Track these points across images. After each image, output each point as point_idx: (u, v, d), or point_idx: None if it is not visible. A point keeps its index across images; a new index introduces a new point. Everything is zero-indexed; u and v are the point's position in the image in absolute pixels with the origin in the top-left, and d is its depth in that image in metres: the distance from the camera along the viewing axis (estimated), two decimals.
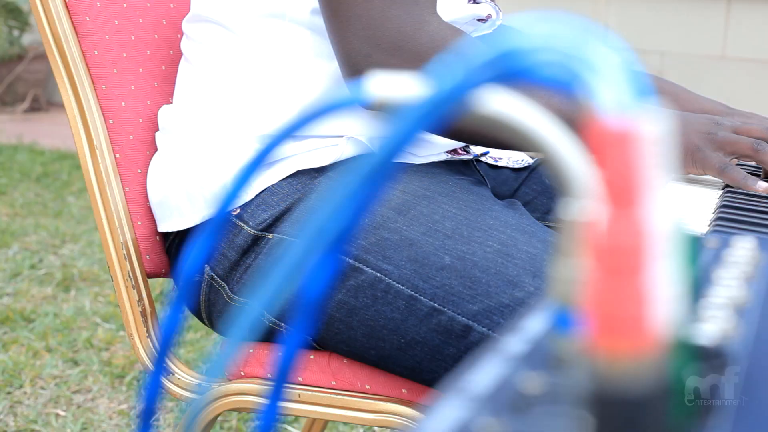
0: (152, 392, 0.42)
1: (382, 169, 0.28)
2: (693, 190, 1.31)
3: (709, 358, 0.37)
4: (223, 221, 0.39)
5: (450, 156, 1.38)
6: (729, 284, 0.47)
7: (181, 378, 1.36)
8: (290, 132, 0.34)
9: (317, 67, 1.29)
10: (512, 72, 0.26)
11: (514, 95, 0.29)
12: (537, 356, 0.38)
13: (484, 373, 0.37)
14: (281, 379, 0.37)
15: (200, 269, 1.30)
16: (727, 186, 1.29)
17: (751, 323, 0.42)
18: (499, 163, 1.49)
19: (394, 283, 1.19)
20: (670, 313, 0.25)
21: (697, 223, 1.11)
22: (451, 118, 0.28)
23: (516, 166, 1.57)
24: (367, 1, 1.18)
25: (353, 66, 1.20)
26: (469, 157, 1.42)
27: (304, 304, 0.34)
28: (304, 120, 0.33)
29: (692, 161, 1.26)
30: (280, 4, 1.29)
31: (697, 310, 0.38)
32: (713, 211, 1.18)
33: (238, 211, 1.27)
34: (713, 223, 1.09)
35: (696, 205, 1.22)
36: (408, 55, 1.18)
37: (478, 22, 1.41)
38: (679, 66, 5.12)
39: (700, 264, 0.29)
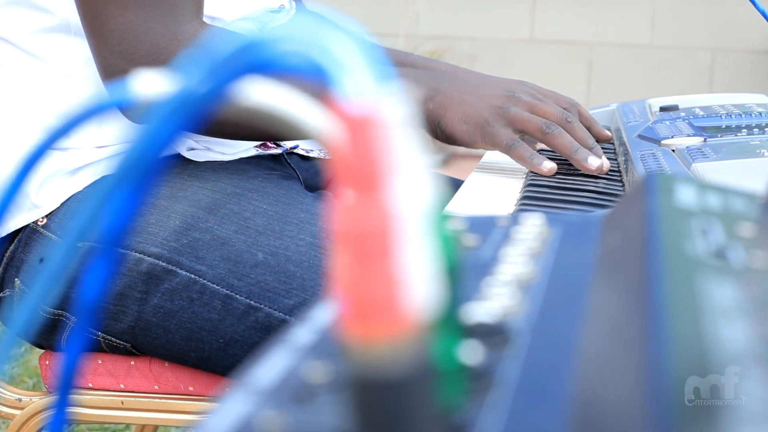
0: None
1: (140, 169, 0.28)
2: (503, 170, 1.33)
3: (490, 335, 0.38)
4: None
5: (259, 151, 1.38)
6: (515, 261, 0.48)
7: (3, 395, 1.32)
8: (52, 141, 0.34)
9: (87, 74, 1.26)
10: (256, 64, 0.25)
11: (269, 85, 0.29)
12: (323, 345, 0.38)
13: (269, 366, 0.37)
14: (66, 384, 0.36)
15: (10, 283, 1.27)
16: None
17: (536, 300, 0.43)
18: (310, 155, 1.49)
19: (209, 283, 1.18)
20: (427, 295, 0.25)
21: (506, 204, 1.13)
22: (206, 113, 0.28)
23: (328, 156, 1.57)
24: (121, 15, 1.15)
25: (111, 81, 1.18)
26: (279, 151, 1.41)
27: (81, 306, 0.33)
28: (63, 129, 0.33)
29: (482, 136, 1.24)
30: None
31: (461, 289, 0.39)
32: (520, 189, 1.20)
33: (45, 221, 1.24)
34: (519, 202, 1.11)
35: (506, 185, 1.24)
36: (163, 68, 1.16)
37: (271, 13, 1.41)
38: (490, 51, 5.22)
39: (457, 244, 0.29)
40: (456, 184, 1.52)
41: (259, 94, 0.30)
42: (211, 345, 1.20)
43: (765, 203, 0.52)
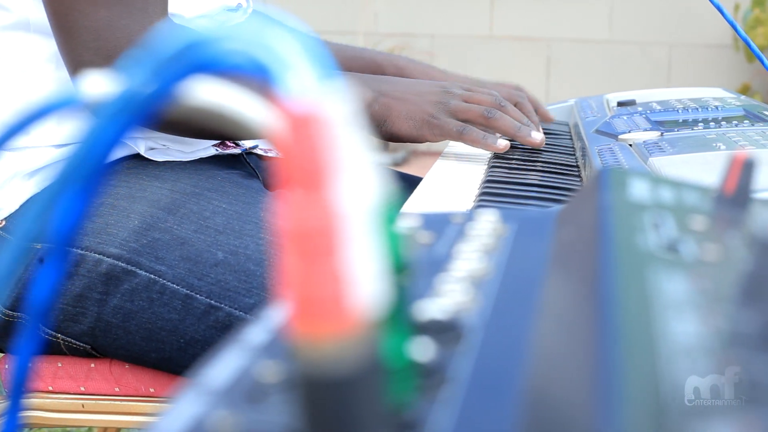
0: None
1: (86, 169, 0.28)
2: (462, 167, 1.34)
3: (442, 331, 0.38)
4: None
5: (219, 150, 1.37)
6: (469, 258, 0.48)
7: None
8: (5, 139, 0.33)
9: (47, 71, 1.26)
10: (200, 63, 0.25)
11: (214, 84, 0.29)
12: (276, 345, 0.38)
13: (222, 366, 0.37)
14: (18, 387, 0.36)
15: None
16: (493, 160, 1.32)
17: (489, 296, 0.43)
18: (269, 154, 1.49)
19: (169, 283, 1.18)
20: (373, 292, 0.25)
21: (465, 200, 1.14)
22: (152, 113, 0.28)
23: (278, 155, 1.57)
24: (94, 12, 1.15)
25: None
26: (238, 150, 1.41)
27: (32, 306, 0.33)
28: (14, 128, 0.32)
29: (429, 129, 1.31)
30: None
31: (413, 286, 0.39)
32: (479, 186, 1.20)
33: (4, 223, 1.23)
34: (477, 198, 1.11)
35: (464, 182, 1.24)
36: None
37: (229, 12, 1.41)
38: (449, 47, 5.22)
39: (405, 241, 0.29)
40: (415, 182, 1.53)
41: (205, 93, 0.29)
42: (171, 345, 1.20)
43: (718, 196, 0.53)
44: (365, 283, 0.24)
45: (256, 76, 0.25)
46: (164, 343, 1.20)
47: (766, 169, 0.97)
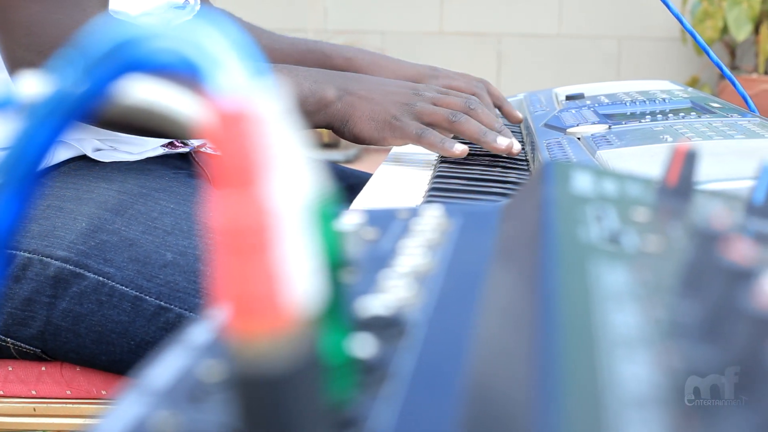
0: None
1: (18, 172, 0.28)
2: (412, 163, 1.34)
3: (385, 327, 0.38)
4: None
5: (167, 150, 1.36)
6: (413, 253, 0.48)
7: None
8: None
9: None
10: (131, 62, 0.25)
11: (146, 83, 0.29)
12: (219, 344, 0.38)
13: (165, 366, 0.37)
14: None
15: None
16: (442, 156, 1.32)
17: (433, 291, 0.43)
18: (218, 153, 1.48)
19: (118, 285, 1.17)
20: (308, 289, 0.25)
21: (415, 196, 1.14)
22: (89, 112, 0.27)
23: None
24: (25, 7, 1.13)
25: (20, 74, 1.16)
26: (187, 149, 1.40)
27: None
28: None
29: (390, 131, 1.28)
30: None
31: (353, 282, 0.39)
32: (428, 181, 1.20)
33: None
34: (427, 194, 1.11)
35: (415, 178, 1.24)
36: None
37: (176, 9, 1.40)
38: (399, 44, 5.23)
39: (343, 237, 0.29)
40: (366, 179, 1.52)
41: (139, 91, 0.29)
42: (122, 348, 1.19)
43: (660, 188, 0.53)
44: (300, 280, 0.24)
45: (187, 74, 0.25)
46: (114, 346, 1.19)
47: (709, 160, 0.98)
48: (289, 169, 0.24)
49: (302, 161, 0.25)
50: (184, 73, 0.25)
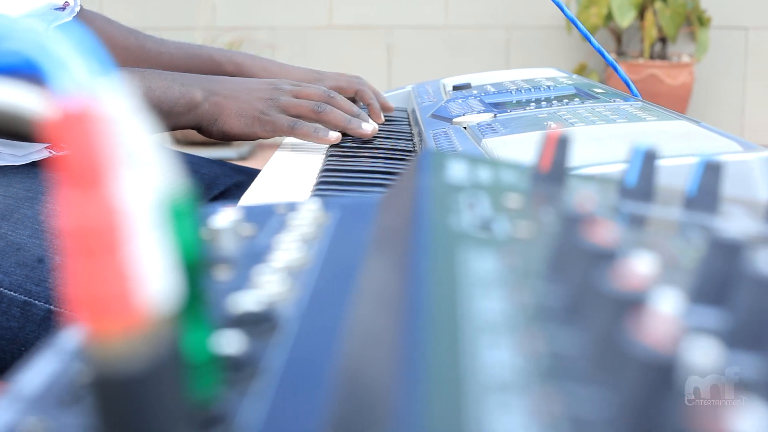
0: None
1: None
2: (301, 158, 1.34)
3: (256, 323, 0.38)
4: None
5: (52, 152, 1.35)
6: (288, 248, 0.48)
7: None
8: None
9: None
10: None
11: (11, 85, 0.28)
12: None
13: (36, 371, 0.36)
14: None
15: None
16: (331, 149, 1.33)
17: (307, 285, 0.43)
18: None
19: (6, 291, 1.15)
20: (162, 288, 0.25)
21: (303, 190, 1.13)
22: None
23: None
24: None
25: None
26: None
27: None
28: None
29: (261, 125, 1.33)
30: None
31: (211, 279, 0.39)
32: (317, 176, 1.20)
33: None
34: (315, 188, 1.11)
35: (303, 172, 1.24)
36: None
37: (56, 11, 1.38)
38: (289, 39, 5.21)
39: (201, 234, 0.29)
40: (256, 175, 1.52)
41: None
42: (12, 354, 1.17)
43: (534, 174, 0.54)
44: (153, 278, 0.24)
45: (32, 76, 0.25)
46: (5, 353, 1.17)
47: (591, 144, 0.99)
48: (138, 168, 0.24)
49: (153, 160, 0.25)
50: (29, 74, 0.25)
